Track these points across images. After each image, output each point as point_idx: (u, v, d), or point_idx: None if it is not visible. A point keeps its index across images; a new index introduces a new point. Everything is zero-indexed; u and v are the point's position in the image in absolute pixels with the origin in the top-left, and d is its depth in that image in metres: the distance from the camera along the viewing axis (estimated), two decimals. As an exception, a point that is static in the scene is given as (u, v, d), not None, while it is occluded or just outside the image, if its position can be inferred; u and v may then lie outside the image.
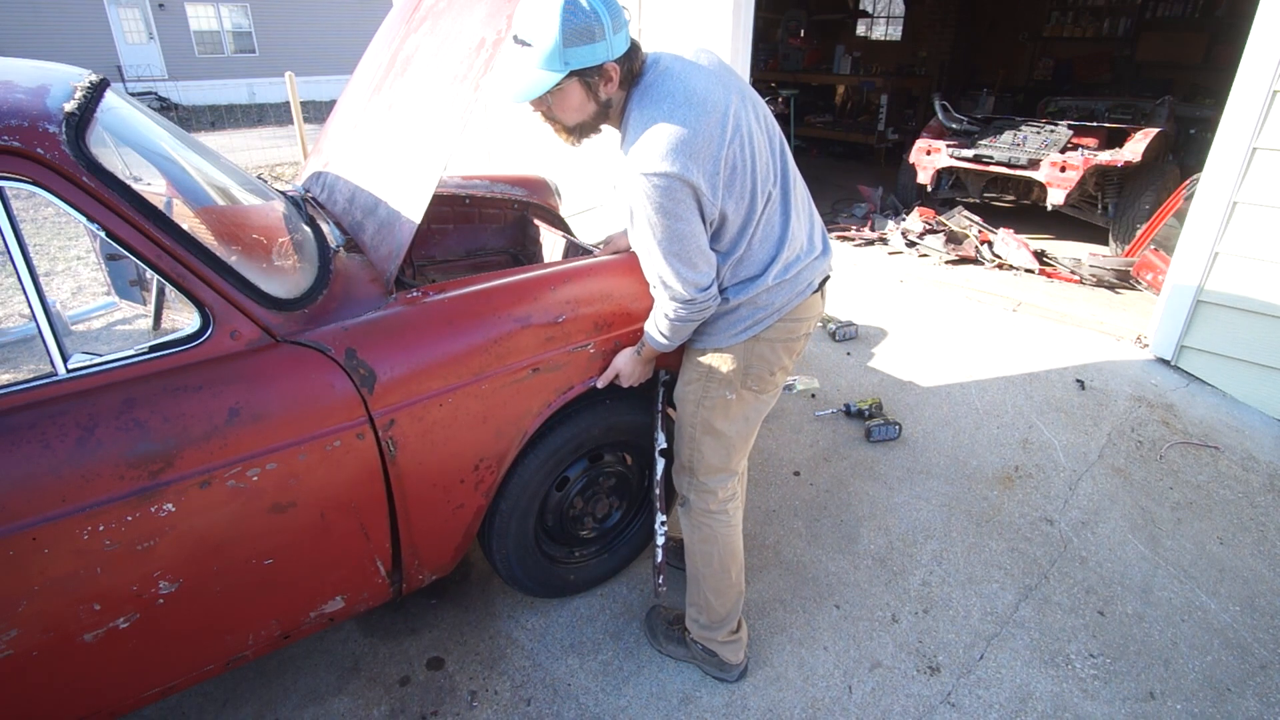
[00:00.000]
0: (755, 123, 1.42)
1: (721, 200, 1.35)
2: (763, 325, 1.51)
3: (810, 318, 1.58)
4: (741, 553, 1.79)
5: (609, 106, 1.39)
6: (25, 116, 1.16)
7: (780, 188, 1.47)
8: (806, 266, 1.53)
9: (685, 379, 1.65)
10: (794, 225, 1.49)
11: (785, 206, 1.48)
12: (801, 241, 1.52)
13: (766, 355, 1.55)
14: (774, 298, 1.49)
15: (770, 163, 1.45)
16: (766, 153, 1.44)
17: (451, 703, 1.81)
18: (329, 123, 2.42)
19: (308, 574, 1.50)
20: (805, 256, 1.52)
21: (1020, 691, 1.85)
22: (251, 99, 16.85)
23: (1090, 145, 5.12)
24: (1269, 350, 3.01)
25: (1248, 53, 2.85)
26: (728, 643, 1.82)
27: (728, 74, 1.42)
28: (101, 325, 3.70)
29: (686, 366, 1.65)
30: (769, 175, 1.44)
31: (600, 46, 1.26)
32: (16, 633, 1.18)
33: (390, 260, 1.58)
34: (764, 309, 1.50)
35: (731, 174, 1.35)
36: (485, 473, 1.66)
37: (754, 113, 1.43)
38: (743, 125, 1.37)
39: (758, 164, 1.40)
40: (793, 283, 1.51)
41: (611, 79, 1.33)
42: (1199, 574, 2.25)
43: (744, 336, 1.53)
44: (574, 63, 1.26)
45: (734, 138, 1.34)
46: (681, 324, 1.48)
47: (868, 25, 11.29)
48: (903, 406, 3.11)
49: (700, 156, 1.29)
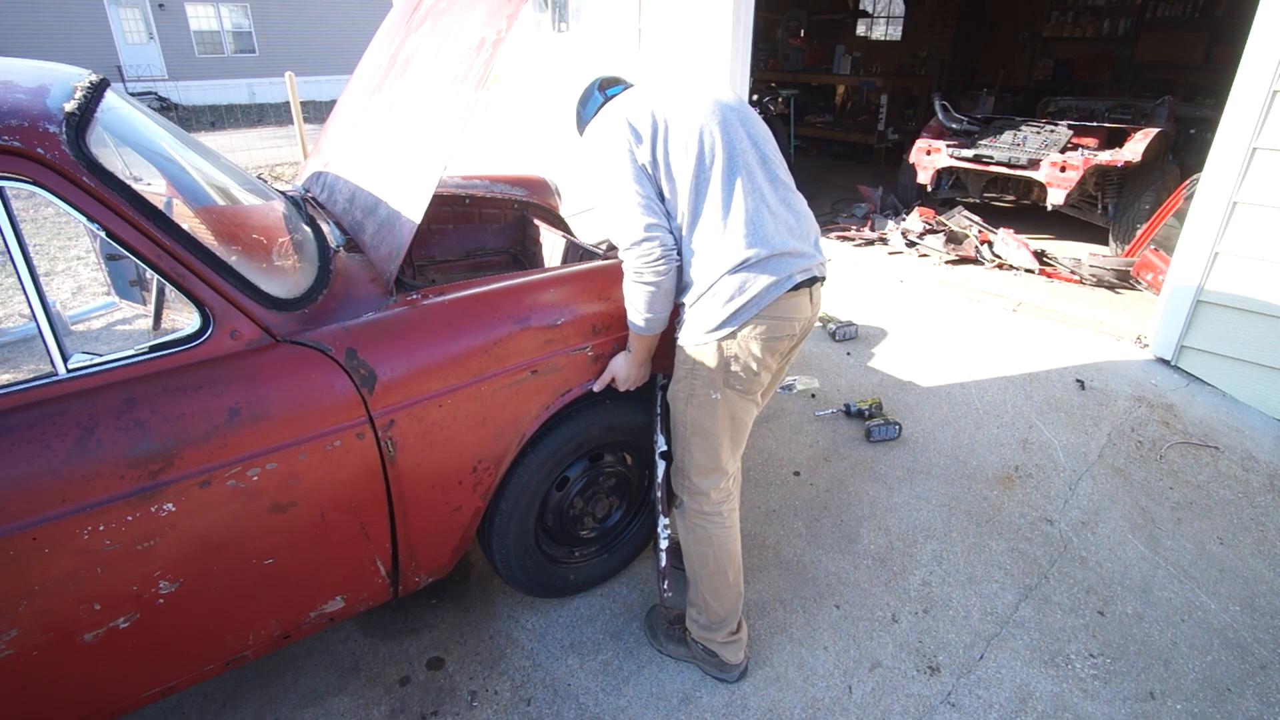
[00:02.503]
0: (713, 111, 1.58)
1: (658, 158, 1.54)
2: (741, 319, 1.52)
3: (796, 319, 1.58)
4: (739, 555, 1.79)
5: None
6: (25, 116, 1.16)
7: (735, 175, 1.55)
8: (781, 257, 1.53)
9: (675, 377, 1.67)
10: (759, 215, 1.54)
11: (749, 194, 1.54)
12: (777, 232, 1.54)
13: (747, 353, 1.55)
14: (746, 285, 1.50)
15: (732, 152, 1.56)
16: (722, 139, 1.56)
17: (451, 703, 1.81)
18: (329, 123, 2.42)
19: (308, 574, 1.50)
20: (776, 248, 1.53)
21: (1020, 691, 1.85)
22: (251, 99, 16.86)
23: (1090, 145, 5.12)
24: (1269, 350, 3.01)
25: (1248, 53, 2.85)
26: (727, 643, 1.82)
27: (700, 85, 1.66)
28: (101, 325, 3.70)
29: (676, 365, 1.66)
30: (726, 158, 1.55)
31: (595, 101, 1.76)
32: (17, 633, 1.18)
33: (390, 260, 1.58)
34: (738, 297, 1.50)
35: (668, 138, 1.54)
36: (483, 475, 1.66)
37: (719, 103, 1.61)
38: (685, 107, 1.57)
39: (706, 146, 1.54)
40: (766, 269, 1.51)
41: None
42: (1199, 574, 2.25)
43: (722, 330, 1.53)
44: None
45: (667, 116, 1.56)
46: (644, 285, 1.54)
47: (868, 25, 11.29)
48: (903, 406, 3.11)
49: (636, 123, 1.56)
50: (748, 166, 1.56)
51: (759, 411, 1.72)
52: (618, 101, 1.67)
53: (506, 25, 1.55)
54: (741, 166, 1.55)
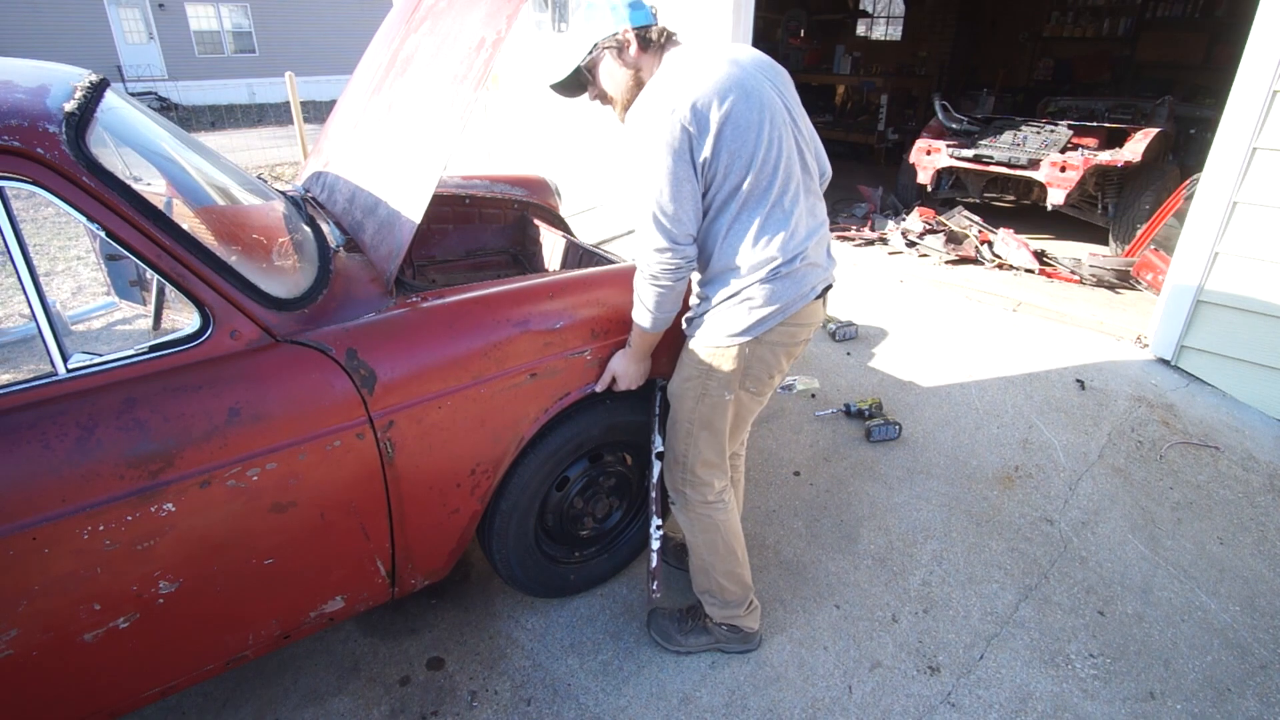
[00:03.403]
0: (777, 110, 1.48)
1: (716, 157, 1.42)
2: (766, 326, 1.52)
3: (811, 324, 1.60)
4: (741, 529, 1.84)
5: (640, 72, 1.54)
6: (25, 116, 1.16)
7: (785, 180, 1.48)
8: (809, 268, 1.53)
9: (683, 375, 1.66)
10: (797, 223, 1.50)
11: (791, 201, 1.50)
12: (806, 242, 1.53)
13: (767, 359, 1.57)
14: (778, 294, 1.49)
15: (782, 153, 1.47)
16: (781, 142, 1.47)
17: (451, 703, 1.81)
18: (329, 123, 2.42)
19: (308, 574, 1.50)
20: (807, 258, 1.53)
21: (1020, 691, 1.85)
22: (251, 99, 16.85)
23: (1090, 145, 5.12)
24: (1269, 350, 3.01)
25: (1248, 53, 2.85)
26: (749, 614, 1.90)
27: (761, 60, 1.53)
28: (101, 325, 3.70)
29: (685, 363, 1.65)
30: (779, 161, 1.47)
31: (610, 19, 1.49)
32: (16, 632, 1.18)
33: (390, 260, 1.58)
34: (768, 306, 1.50)
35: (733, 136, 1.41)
36: (481, 477, 1.66)
37: (781, 100, 1.50)
38: (755, 101, 1.43)
39: (761, 143, 1.43)
40: (796, 280, 1.51)
41: (629, 42, 1.50)
42: (1199, 574, 2.25)
43: (747, 336, 1.53)
44: (593, 35, 1.51)
45: (735, 107, 1.41)
46: (659, 288, 1.51)
47: (868, 25, 11.29)
48: (903, 406, 3.11)
49: (699, 111, 1.39)
50: (796, 176, 1.51)
51: (761, 408, 1.73)
52: (677, 76, 1.43)
53: (506, 25, 1.55)
54: (794, 178, 1.50)
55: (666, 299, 1.54)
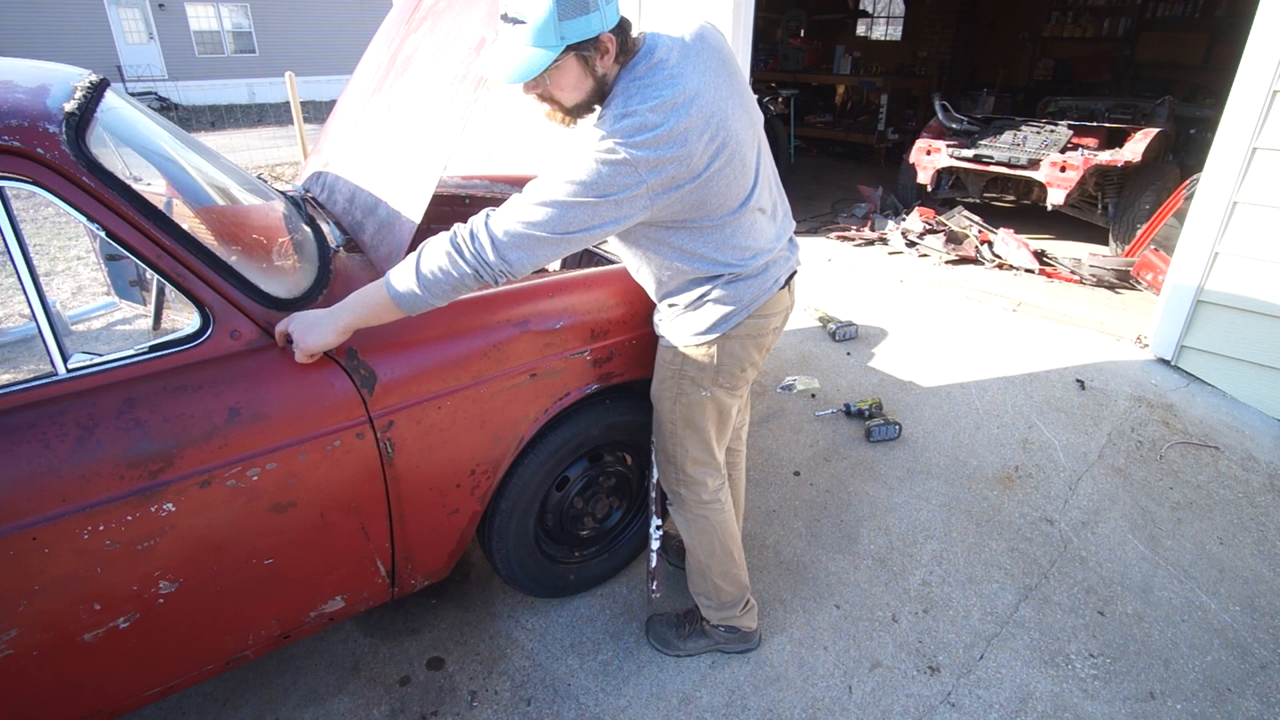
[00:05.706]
0: (741, 117, 1.38)
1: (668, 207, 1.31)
2: (732, 322, 1.51)
3: (778, 312, 1.59)
4: (737, 530, 1.83)
5: (604, 82, 1.33)
6: (25, 116, 1.16)
7: (744, 196, 1.43)
8: (773, 261, 1.53)
9: (659, 377, 1.67)
10: (761, 221, 1.50)
11: (752, 210, 1.46)
12: (770, 236, 1.52)
13: (737, 353, 1.56)
14: (740, 292, 1.49)
15: (749, 161, 1.43)
16: (749, 152, 1.42)
17: (451, 703, 1.81)
18: (329, 123, 2.42)
19: (308, 574, 1.50)
20: (770, 252, 1.52)
21: (1020, 691, 1.85)
22: (251, 99, 16.86)
23: (1090, 145, 5.12)
24: (1269, 350, 3.01)
25: (1248, 53, 2.85)
26: (746, 614, 1.89)
27: (723, 66, 1.37)
28: (101, 325, 3.70)
29: (659, 366, 1.66)
30: (747, 173, 1.42)
31: (594, 17, 1.22)
32: (16, 632, 1.18)
33: (390, 260, 1.58)
34: (732, 304, 1.50)
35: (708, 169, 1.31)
36: (481, 477, 1.66)
37: (742, 107, 1.40)
38: (725, 126, 1.32)
39: (735, 163, 1.36)
40: (759, 279, 1.51)
41: (608, 50, 1.28)
42: (1199, 574, 2.25)
43: (713, 334, 1.52)
44: (570, 36, 1.21)
45: (712, 142, 1.29)
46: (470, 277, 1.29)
47: (868, 25, 11.29)
48: (903, 406, 3.11)
49: (661, 159, 1.24)
50: (751, 178, 1.44)
51: (740, 403, 1.72)
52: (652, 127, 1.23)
53: (506, 25, 1.55)
54: (751, 185, 1.44)
55: (459, 291, 1.33)
